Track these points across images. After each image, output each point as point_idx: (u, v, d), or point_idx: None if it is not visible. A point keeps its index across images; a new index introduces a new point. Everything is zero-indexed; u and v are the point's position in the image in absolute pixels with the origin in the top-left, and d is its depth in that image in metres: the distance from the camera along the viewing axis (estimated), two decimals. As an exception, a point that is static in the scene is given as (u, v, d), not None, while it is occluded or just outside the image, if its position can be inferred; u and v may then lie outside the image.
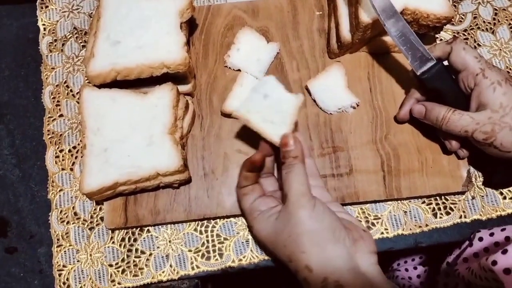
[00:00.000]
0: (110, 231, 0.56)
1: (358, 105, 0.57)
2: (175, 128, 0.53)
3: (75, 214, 0.57)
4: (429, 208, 0.56)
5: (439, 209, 0.55)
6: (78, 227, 0.57)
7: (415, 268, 0.69)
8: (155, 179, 0.52)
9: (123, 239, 0.56)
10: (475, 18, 0.64)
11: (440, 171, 0.55)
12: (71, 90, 0.62)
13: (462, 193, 0.56)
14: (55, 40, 0.64)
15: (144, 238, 0.56)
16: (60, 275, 0.55)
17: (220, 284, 0.71)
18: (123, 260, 0.55)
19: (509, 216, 0.55)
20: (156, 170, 0.51)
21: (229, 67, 0.60)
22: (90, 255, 0.56)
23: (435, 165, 0.55)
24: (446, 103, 0.50)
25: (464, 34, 0.63)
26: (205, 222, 0.56)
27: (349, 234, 0.45)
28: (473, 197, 0.56)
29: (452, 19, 0.53)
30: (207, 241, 0.55)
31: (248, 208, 0.49)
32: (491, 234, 0.50)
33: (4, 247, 0.57)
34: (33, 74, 0.63)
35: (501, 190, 0.56)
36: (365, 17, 0.52)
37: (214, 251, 0.55)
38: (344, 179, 0.55)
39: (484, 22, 0.63)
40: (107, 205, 0.55)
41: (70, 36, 0.64)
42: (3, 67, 0.64)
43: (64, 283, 0.55)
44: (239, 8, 0.62)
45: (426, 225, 0.55)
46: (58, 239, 0.56)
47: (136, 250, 0.55)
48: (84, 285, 0.55)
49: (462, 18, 0.64)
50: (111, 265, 0.55)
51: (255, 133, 0.48)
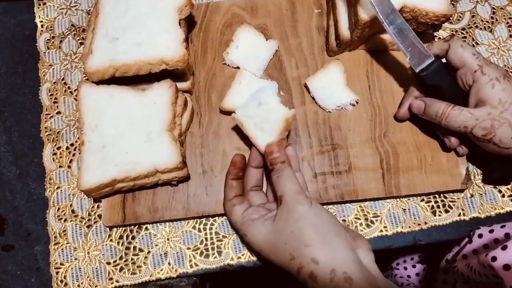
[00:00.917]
0: (108, 229, 0.56)
1: (357, 103, 0.57)
2: (174, 125, 0.53)
3: (73, 212, 0.57)
4: (428, 206, 0.56)
5: (438, 207, 0.55)
6: (76, 225, 0.56)
7: (414, 267, 0.69)
8: (154, 176, 0.52)
9: (121, 237, 0.56)
10: (473, 17, 0.64)
11: (439, 169, 0.55)
12: (69, 87, 0.62)
13: (461, 191, 0.56)
14: (53, 37, 0.64)
15: (142, 236, 0.55)
16: (58, 273, 0.55)
17: (219, 282, 0.71)
18: (121, 258, 0.55)
19: (508, 214, 0.55)
20: (155, 167, 0.51)
21: (228, 65, 0.60)
22: (88, 253, 0.55)
23: (434, 163, 0.55)
24: (445, 100, 0.50)
25: (462, 33, 0.63)
26: (204, 220, 0.56)
27: (348, 231, 0.45)
28: (472, 195, 0.56)
29: (451, 17, 0.53)
30: (206, 239, 0.55)
31: (240, 218, 0.48)
32: (491, 231, 0.50)
33: (1, 245, 0.57)
34: (31, 71, 0.63)
35: (500, 188, 0.56)
36: (364, 15, 0.52)
37: (213, 249, 0.55)
38: (343, 177, 0.55)
39: (482, 21, 0.64)
40: (105, 203, 0.55)
41: (68, 33, 0.64)
42: (0, 64, 0.64)
43: (62, 281, 0.54)
44: (238, 6, 0.62)
45: (425, 223, 0.55)
46: (56, 237, 0.56)
47: (134, 248, 0.55)
48: (82, 283, 0.54)
49: (460, 17, 0.64)
50: (109, 263, 0.55)
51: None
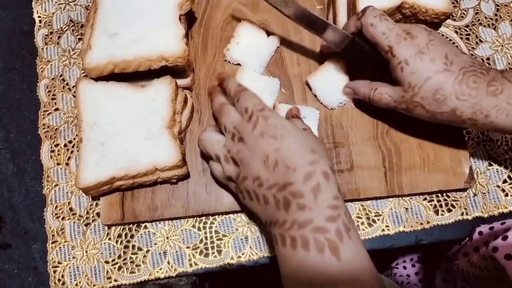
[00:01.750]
0: (107, 227, 0.55)
1: (360, 100, 0.56)
2: (174, 122, 0.52)
3: (71, 210, 0.56)
4: (431, 205, 0.55)
5: (441, 206, 0.55)
6: (74, 223, 0.56)
7: (413, 266, 0.69)
8: (153, 174, 0.51)
9: (120, 236, 0.55)
10: (477, 14, 0.63)
11: (442, 168, 0.54)
12: (67, 84, 0.61)
13: (464, 190, 0.55)
14: (51, 33, 0.63)
15: (141, 235, 0.55)
16: (55, 272, 0.54)
17: (219, 282, 0.71)
18: (120, 257, 0.54)
19: (511, 214, 0.55)
20: (154, 165, 0.50)
21: (228, 61, 0.59)
22: (86, 252, 0.55)
23: (437, 162, 0.54)
24: (376, 70, 0.51)
25: (466, 30, 0.62)
26: (204, 219, 0.55)
27: None
28: (475, 194, 0.55)
29: (452, 15, 0.53)
30: (206, 238, 0.54)
31: (259, 101, 0.46)
32: (491, 228, 0.49)
33: (-2, 243, 0.56)
34: (28, 67, 0.62)
35: (503, 187, 0.55)
36: (362, 7, 0.51)
37: (213, 248, 0.54)
38: (345, 175, 0.54)
39: (486, 18, 0.63)
40: (104, 201, 0.54)
41: (66, 29, 0.63)
42: (-2, 60, 0.63)
43: (59, 280, 0.54)
44: (239, 1, 0.61)
45: (428, 222, 0.54)
46: (53, 235, 0.55)
47: (133, 247, 0.54)
48: (80, 282, 0.54)
49: (464, 14, 0.63)
50: (107, 262, 0.54)
51: None
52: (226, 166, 0.46)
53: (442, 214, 0.55)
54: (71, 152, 0.58)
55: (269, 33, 0.60)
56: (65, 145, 0.58)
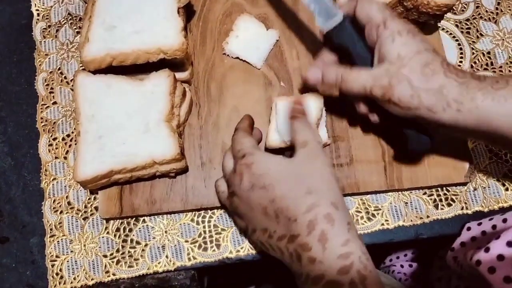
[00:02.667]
0: (105, 221, 0.55)
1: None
2: (172, 116, 0.52)
3: (69, 204, 0.56)
4: (430, 199, 0.55)
5: (441, 201, 0.55)
6: (72, 217, 0.55)
7: (410, 266, 0.68)
8: (151, 168, 0.51)
9: (118, 229, 0.55)
10: (478, 8, 0.63)
11: (442, 162, 0.54)
12: (65, 77, 0.60)
13: (464, 184, 0.55)
14: (49, 26, 0.63)
15: (140, 229, 0.54)
16: (53, 266, 0.54)
17: (217, 276, 0.71)
18: (118, 251, 0.54)
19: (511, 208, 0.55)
20: (153, 158, 0.50)
21: (228, 55, 0.58)
22: (84, 246, 0.54)
23: (437, 156, 0.54)
24: (355, 63, 0.48)
25: (467, 24, 0.62)
26: (202, 213, 0.55)
27: None
28: (475, 189, 0.55)
29: (454, 7, 0.52)
30: (204, 232, 0.54)
31: (252, 143, 0.45)
32: (479, 224, 0.49)
33: (-4, 237, 0.56)
34: (26, 60, 0.62)
35: (504, 182, 0.55)
36: None
37: (211, 242, 0.54)
38: (345, 169, 0.54)
39: (487, 12, 0.62)
40: (102, 194, 0.53)
41: (65, 22, 0.63)
42: (-5, 53, 0.62)
43: (57, 274, 0.54)
44: (238, -5, 0.61)
45: (427, 217, 0.54)
46: (51, 229, 0.55)
47: (131, 241, 0.54)
48: (78, 276, 0.53)
49: (465, 8, 0.63)
50: (106, 256, 0.54)
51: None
52: (236, 220, 0.46)
53: (442, 209, 0.54)
54: (69, 146, 0.58)
55: (269, 27, 0.59)
56: (63, 139, 0.58)
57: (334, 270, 0.36)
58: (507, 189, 0.55)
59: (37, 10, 0.64)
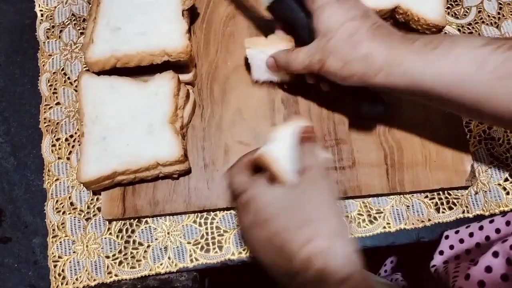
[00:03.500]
0: (107, 222, 0.55)
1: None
2: (176, 117, 0.52)
3: (72, 204, 0.56)
4: (432, 203, 0.55)
5: (442, 204, 0.55)
6: (74, 218, 0.55)
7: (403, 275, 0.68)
8: (155, 169, 0.51)
9: (121, 230, 0.55)
10: (480, 12, 0.63)
11: (444, 165, 0.54)
12: (69, 78, 0.60)
13: (465, 188, 0.55)
14: (53, 27, 0.63)
15: (142, 230, 0.55)
16: (56, 266, 0.54)
17: (219, 277, 0.70)
18: (120, 252, 0.54)
19: (512, 212, 0.55)
20: (156, 160, 0.50)
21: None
22: (87, 246, 0.54)
23: (439, 159, 0.54)
24: (300, 35, 0.49)
25: (469, 28, 0.62)
26: (205, 214, 0.55)
27: None
28: (476, 192, 0.55)
29: (443, 28, 0.52)
30: (207, 233, 0.54)
31: (248, 179, 0.42)
32: (456, 232, 0.50)
33: (-2, 237, 0.56)
34: (30, 61, 0.62)
35: (505, 186, 0.55)
36: None
37: (214, 244, 0.54)
38: (347, 172, 0.54)
39: (489, 16, 0.63)
40: (105, 195, 0.54)
41: (68, 23, 0.63)
42: (-1, 53, 0.63)
43: (60, 275, 0.54)
44: (242, -3, 0.61)
45: (429, 220, 0.54)
46: (54, 230, 0.55)
47: (134, 242, 0.54)
48: (80, 277, 0.54)
49: (467, 12, 0.63)
50: (108, 257, 0.54)
51: (256, 124, 0.49)
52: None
53: (443, 212, 0.55)
54: (72, 147, 0.58)
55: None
56: (66, 140, 0.58)
57: None
58: (508, 193, 0.55)
59: (41, 11, 0.64)
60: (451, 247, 0.48)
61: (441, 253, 0.49)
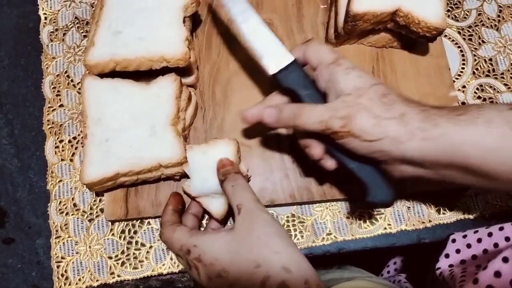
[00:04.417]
0: (110, 223, 0.55)
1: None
2: (178, 119, 0.53)
3: (75, 205, 0.56)
4: (433, 204, 0.55)
5: (443, 205, 0.55)
6: (77, 219, 0.56)
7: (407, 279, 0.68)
8: (157, 171, 0.51)
9: (123, 231, 0.55)
10: (480, 15, 0.63)
11: (444, 167, 0.54)
12: (72, 80, 0.61)
13: (466, 190, 0.55)
14: (56, 30, 0.64)
15: (145, 231, 0.55)
16: (59, 267, 0.54)
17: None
18: (123, 253, 0.54)
19: (513, 213, 0.55)
20: (158, 161, 0.50)
21: None
22: (89, 247, 0.55)
23: (439, 161, 0.55)
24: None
25: (469, 31, 0.63)
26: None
27: None
28: (477, 193, 0.56)
29: (443, 31, 0.52)
30: (208, 234, 0.55)
31: (187, 234, 0.43)
32: (464, 236, 0.50)
33: (2, 238, 0.56)
34: (33, 64, 0.63)
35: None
36: (354, 7, 0.51)
37: (215, 245, 0.54)
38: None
39: (489, 19, 0.63)
40: (108, 196, 0.54)
41: (72, 26, 0.64)
42: (3, 56, 0.63)
43: (63, 275, 0.54)
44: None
45: (430, 221, 0.55)
46: (57, 230, 0.56)
47: (136, 243, 0.55)
48: (83, 277, 0.54)
49: (467, 15, 0.64)
50: (111, 257, 0.54)
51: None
52: None
53: (444, 213, 0.55)
54: (75, 148, 0.58)
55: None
56: (70, 141, 0.59)
57: None
58: (508, 194, 0.55)
59: (45, 14, 0.64)
60: (458, 251, 0.48)
61: (447, 256, 0.48)
